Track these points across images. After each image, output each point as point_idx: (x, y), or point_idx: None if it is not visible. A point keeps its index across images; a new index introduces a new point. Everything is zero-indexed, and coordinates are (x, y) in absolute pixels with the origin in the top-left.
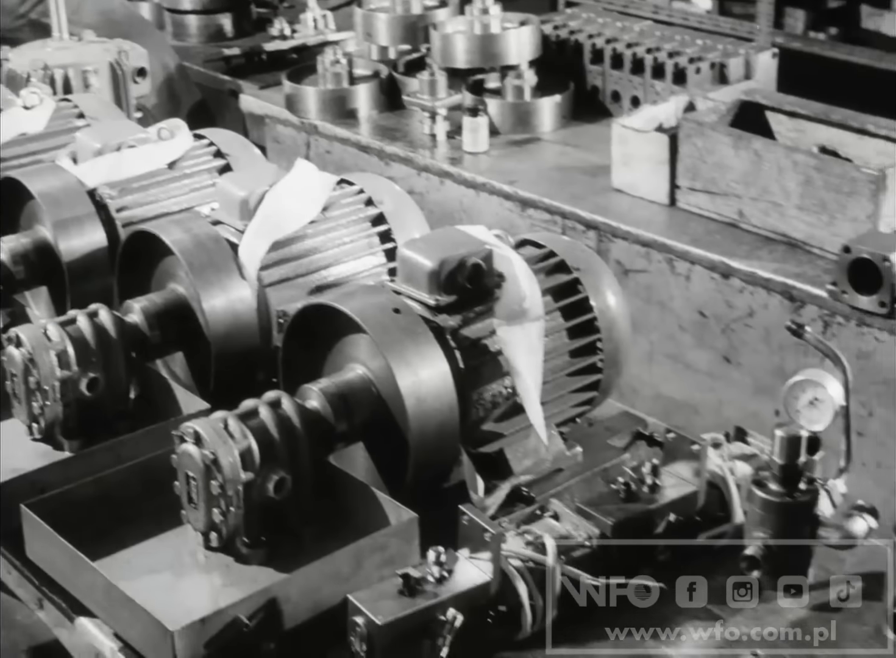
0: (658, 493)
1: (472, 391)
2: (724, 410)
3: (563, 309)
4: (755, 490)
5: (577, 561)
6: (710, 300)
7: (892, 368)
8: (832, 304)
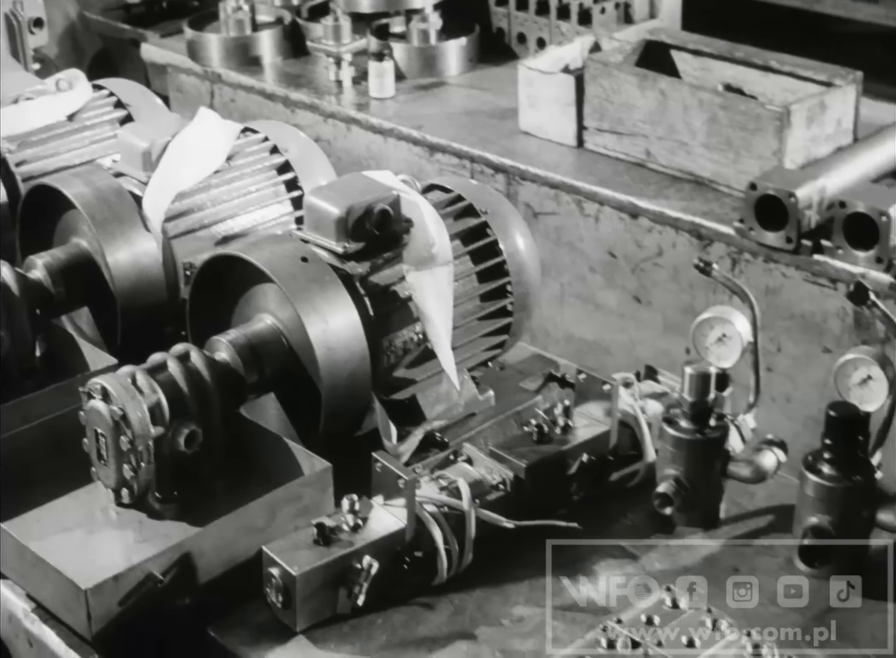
0: (570, 434)
1: (382, 338)
2: (635, 350)
3: (472, 253)
4: (666, 428)
5: (492, 504)
6: (619, 240)
7: (799, 304)
8: (739, 241)
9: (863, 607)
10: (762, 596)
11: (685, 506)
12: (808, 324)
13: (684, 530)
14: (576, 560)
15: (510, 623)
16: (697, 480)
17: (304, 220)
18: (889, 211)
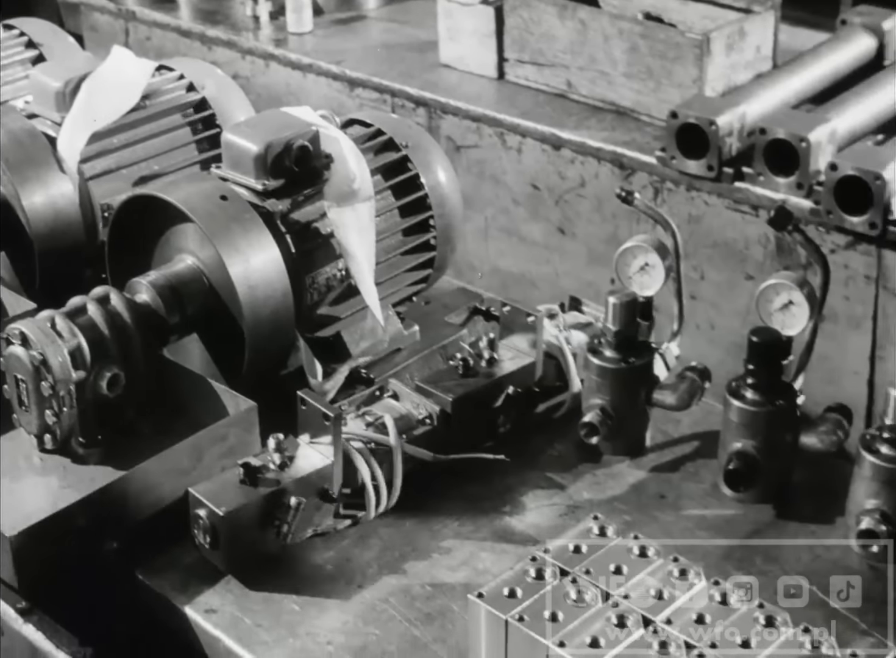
0: (496, 366)
1: (305, 275)
2: (560, 281)
3: (394, 187)
4: (591, 358)
5: (419, 439)
6: (542, 172)
7: (721, 231)
8: (661, 170)
9: (787, 530)
10: (689, 521)
11: (611, 435)
12: (731, 251)
13: (611, 459)
14: (504, 492)
15: (439, 556)
16: (623, 409)
17: (223, 158)
18: (809, 136)
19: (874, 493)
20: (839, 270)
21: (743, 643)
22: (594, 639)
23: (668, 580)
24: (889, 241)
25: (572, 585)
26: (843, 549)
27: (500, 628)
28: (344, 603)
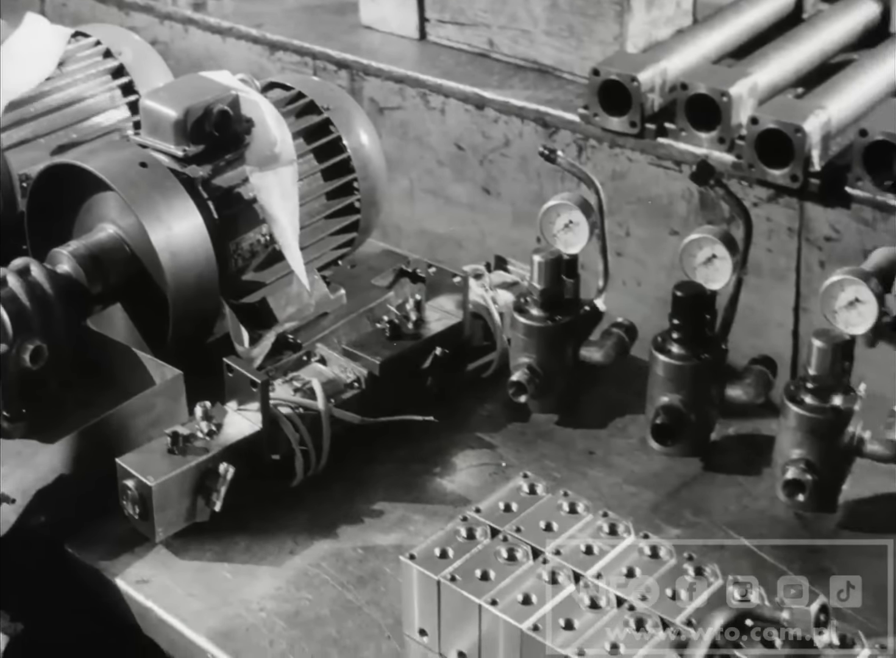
0: (423, 328)
1: (228, 241)
2: (486, 241)
3: (316, 151)
4: (517, 316)
5: (347, 402)
6: (465, 132)
7: (645, 187)
8: (585, 127)
9: (714, 482)
10: (618, 476)
11: (539, 393)
12: (655, 207)
13: (539, 417)
14: (434, 453)
15: (370, 519)
16: (550, 367)
17: (142, 125)
18: (730, 91)
19: (799, 442)
20: (762, 223)
21: (673, 595)
22: (526, 596)
23: (597, 535)
24: (810, 193)
25: (503, 544)
26: (770, 499)
27: (433, 589)
28: (276, 569)
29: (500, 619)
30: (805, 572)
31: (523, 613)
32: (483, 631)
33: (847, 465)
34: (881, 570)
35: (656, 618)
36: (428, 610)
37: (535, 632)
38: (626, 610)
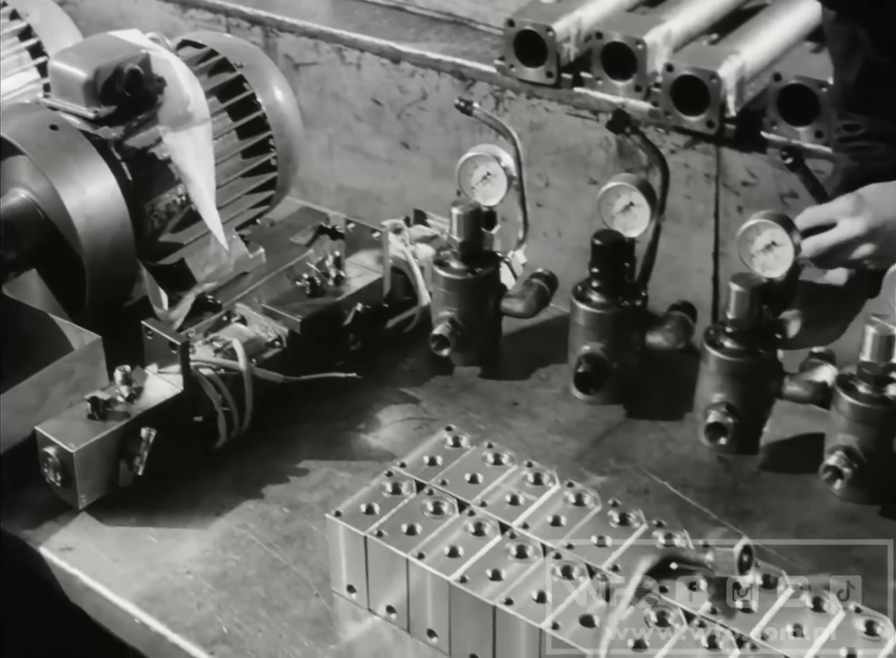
0: (343, 284)
1: (144, 203)
2: (406, 196)
3: (230, 109)
4: (437, 270)
5: (269, 362)
6: (382, 87)
7: (563, 138)
8: (501, 79)
9: (637, 428)
10: (542, 426)
11: (462, 346)
12: (574, 156)
13: (463, 370)
14: (358, 409)
15: (296, 478)
16: (472, 319)
17: (51, 87)
18: (644, 39)
19: (719, 386)
20: (680, 170)
21: (598, 541)
22: (453, 548)
23: (523, 486)
24: (727, 138)
25: (429, 498)
26: (693, 443)
27: (360, 545)
28: (202, 531)
29: (428, 573)
30: (728, 514)
31: (450, 566)
32: (411, 585)
33: (767, 408)
34: (802, 509)
35: (582, 565)
36: (355, 566)
37: (463, 583)
38: (553, 558)
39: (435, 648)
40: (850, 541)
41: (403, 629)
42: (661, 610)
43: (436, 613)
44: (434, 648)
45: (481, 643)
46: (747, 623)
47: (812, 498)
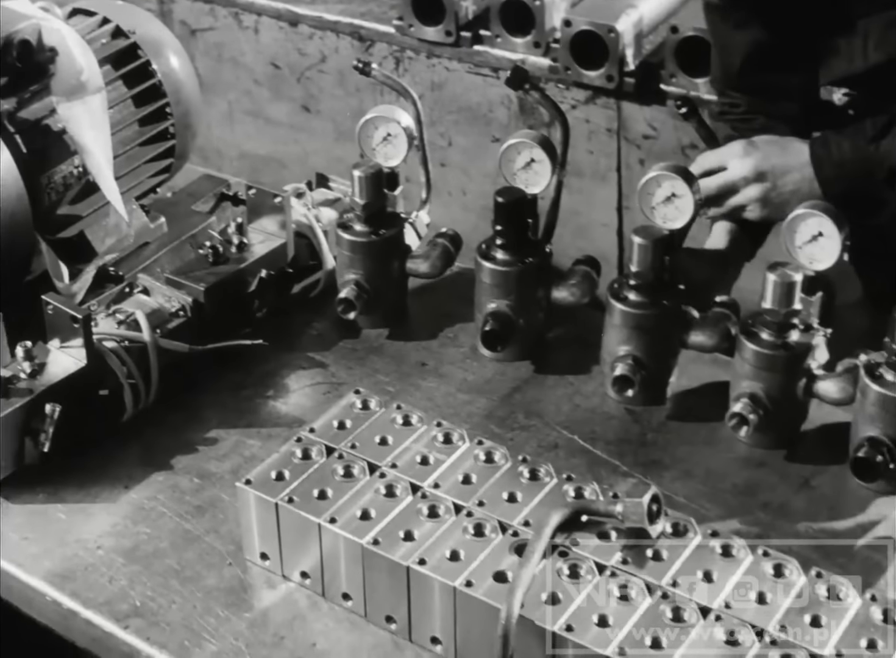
0: (247, 251)
1: (40, 176)
2: (310, 160)
3: (125, 77)
4: (341, 233)
5: (174, 332)
6: (281, 51)
7: (465, 96)
8: (400, 39)
9: (546, 383)
10: (451, 385)
11: (367, 308)
12: (476, 115)
13: (370, 332)
14: (266, 376)
15: (205, 448)
16: (377, 281)
17: None
18: None
19: (625, 339)
20: (581, 125)
21: (509, 497)
22: (364, 511)
23: (432, 446)
24: (626, 92)
25: (339, 462)
26: (601, 396)
27: (271, 512)
28: (111, 506)
29: (340, 537)
30: (637, 465)
31: (363, 529)
32: (324, 549)
33: (673, 358)
34: (709, 457)
35: (494, 522)
36: (268, 533)
37: (376, 546)
38: (465, 516)
39: (350, 611)
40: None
41: (318, 594)
42: (572, 562)
43: (350, 577)
44: (349, 611)
45: (396, 604)
46: (658, 571)
47: (719, 445)
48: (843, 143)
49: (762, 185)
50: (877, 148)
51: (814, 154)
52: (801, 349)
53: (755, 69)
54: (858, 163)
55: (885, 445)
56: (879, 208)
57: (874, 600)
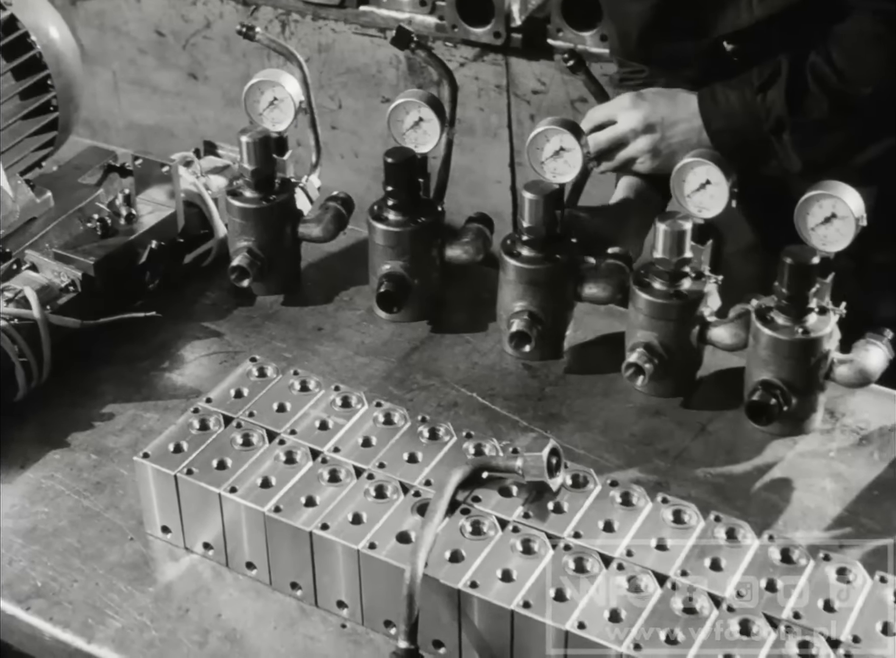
0: (136, 222)
1: None
2: (199, 128)
3: (3, 49)
4: (231, 200)
5: (65, 307)
6: (164, 17)
7: (353, 58)
8: (285, 1)
9: (443, 342)
10: (348, 349)
11: (261, 275)
12: (365, 76)
13: (265, 299)
14: (160, 348)
15: (101, 423)
16: (270, 248)
17: None
18: None
19: (520, 295)
20: (471, 83)
21: (410, 458)
22: (265, 479)
23: (331, 410)
24: (514, 48)
25: (237, 431)
26: (499, 352)
27: (171, 484)
28: (7, 486)
29: (241, 506)
30: (537, 419)
31: (264, 497)
32: (226, 519)
33: (568, 312)
34: (607, 408)
35: (396, 483)
36: (168, 506)
37: (277, 513)
38: (366, 479)
39: (255, 580)
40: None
41: (222, 564)
42: (475, 519)
43: (253, 545)
44: (254, 580)
45: (301, 570)
46: (560, 524)
47: (617, 396)
48: (730, 94)
49: (651, 137)
50: (763, 98)
51: (702, 106)
52: (694, 297)
53: (652, 39)
54: (745, 113)
55: (778, 388)
56: (767, 157)
57: (772, 540)
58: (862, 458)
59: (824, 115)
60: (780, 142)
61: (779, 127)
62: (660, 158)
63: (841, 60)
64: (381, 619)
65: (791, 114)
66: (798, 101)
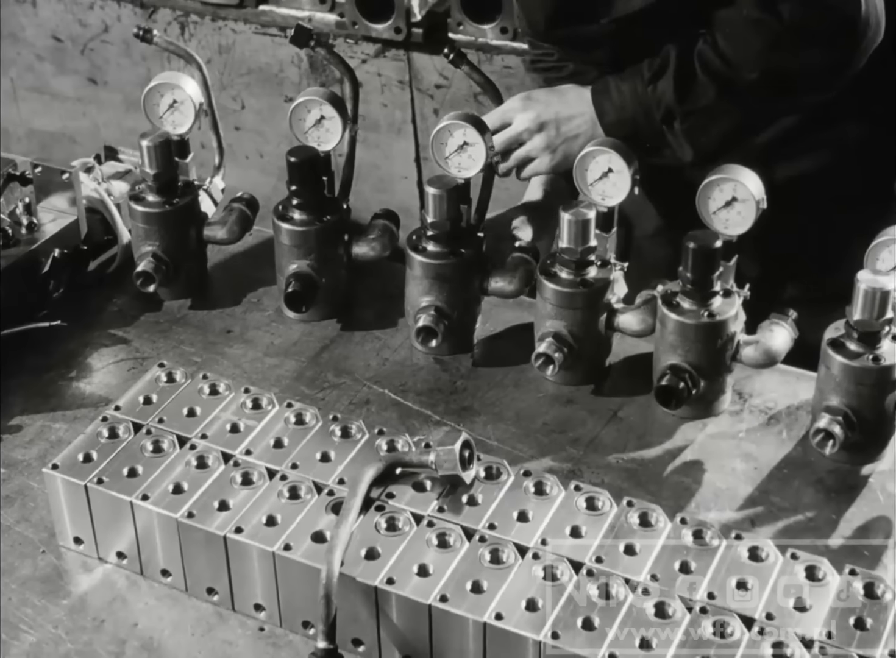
0: (37, 231)
1: None
2: (101, 133)
3: None
4: (134, 205)
5: None
6: (61, 23)
7: (254, 58)
8: (183, 3)
9: (353, 340)
10: (257, 350)
11: (168, 279)
12: (267, 76)
13: (173, 304)
14: (67, 357)
15: (9, 435)
16: (175, 251)
17: None
18: None
19: (426, 290)
20: (374, 79)
21: (322, 457)
22: (177, 485)
23: (242, 412)
24: (415, 43)
25: (147, 437)
26: (409, 348)
27: (81, 495)
28: None
29: (154, 513)
30: (449, 413)
31: (176, 503)
32: (139, 527)
33: (476, 305)
34: (519, 399)
35: (309, 483)
36: (80, 517)
37: (190, 519)
38: (279, 481)
39: (171, 587)
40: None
41: (137, 573)
42: (390, 516)
43: (167, 552)
44: (170, 587)
45: (217, 575)
46: (475, 516)
47: (528, 386)
48: (621, 86)
49: (546, 134)
50: (654, 89)
51: (595, 99)
52: (600, 285)
53: (559, 23)
54: (637, 105)
55: (686, 372)
56: (660, 148)
57: (684, 523)
58: (771, 437)
59: (711, 102)
60: (671, 132)
61: (669, 117)
62: (558, 155)
63: (724, 46)
64: (299, 620)
65: (680, 103)
66: (687, 89)
